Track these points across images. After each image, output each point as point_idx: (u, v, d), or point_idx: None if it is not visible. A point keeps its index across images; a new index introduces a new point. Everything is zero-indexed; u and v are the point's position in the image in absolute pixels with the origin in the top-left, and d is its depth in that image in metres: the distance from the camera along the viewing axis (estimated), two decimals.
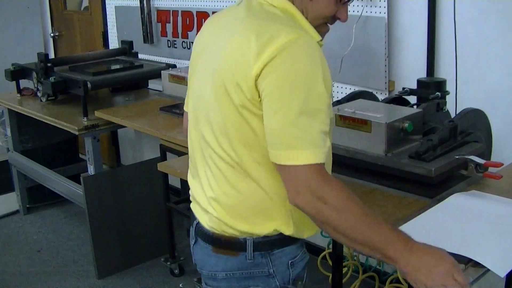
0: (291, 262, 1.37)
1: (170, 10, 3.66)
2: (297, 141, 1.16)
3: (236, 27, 1.26)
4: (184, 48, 3.61)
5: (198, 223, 1.42)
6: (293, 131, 1.16)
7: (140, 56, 3.80)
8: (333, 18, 1.33)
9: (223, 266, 1.36)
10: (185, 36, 3.58)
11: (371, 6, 2.53)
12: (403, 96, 2.11)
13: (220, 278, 1.37)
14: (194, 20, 3.48)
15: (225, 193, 1.32)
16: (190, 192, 1.47)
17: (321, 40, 1.32)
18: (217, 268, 1.37)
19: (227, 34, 1.28)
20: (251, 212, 1.31)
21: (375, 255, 1.19)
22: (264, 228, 1.31)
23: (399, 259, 1.17)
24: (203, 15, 3.42)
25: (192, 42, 3.53)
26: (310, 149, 1.16)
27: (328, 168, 1.35)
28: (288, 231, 1.32)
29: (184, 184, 3.25)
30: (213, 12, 3.33)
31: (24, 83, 3.70)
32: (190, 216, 1.50)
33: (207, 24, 1.45)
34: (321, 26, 1.33)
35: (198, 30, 3.47)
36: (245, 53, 1.20)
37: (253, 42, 1.19)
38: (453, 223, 1.50)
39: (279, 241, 1.34)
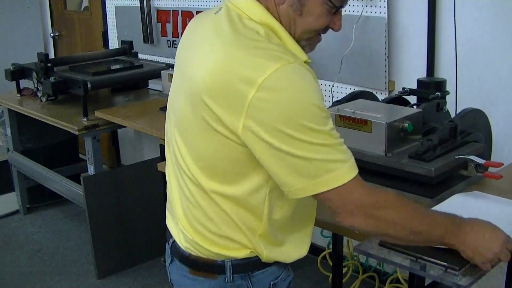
0: (273, 284, 1.31)
1: (170, 10, 3.66)
2: (326, 165, 1.11)
3: (217, 51, 1.15)
4: None
5: (174, 241, 1.36)
6: (312, 159, 1.10)
7: (140, 56, 3.80)
8: (326, 29, 1.24)
9: None
10: None
11: (371, 6, 2.53)
12: (403, 96, 2.11)
13: None
14: None
15: (195, 217, 1.26)
16: (167, 205, 1.42)
17: (308, 59, 1.23)
18: None
19: (207, 53, 1.17)
20: (222, 238, 1.25)
21: (431, 244, 1.24)
22: (239, 252, 1.26)
23: (456, 243, 1.22)
24: None
25: None
26: (342, 166, 1.12)
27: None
28: (265, 257, 1.27)
29: None
30: None
31: (24, 83, 3.70)
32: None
33: (186, 33, 1.34)
34: (312, 38, 1.24)
35: None
36: (216, 95, 1.11)
37: (227, 82, 1.10)
38: None
39: (259, 262, 1.28)
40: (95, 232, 3.12)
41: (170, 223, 1.40)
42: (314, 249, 3.15)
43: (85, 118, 3.08)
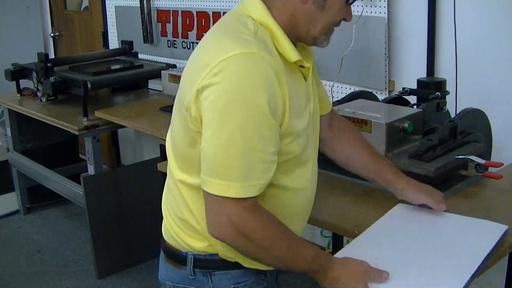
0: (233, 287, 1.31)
1: (170, 10, 3.66)
2: (228, 171, 1.10)
3: (202, 42, 1.25)
4: (184, 48, 3.61)
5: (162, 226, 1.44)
6: (226, 158, 1.10)
7: (140, 56, 3.80)
8: (340, 21, 1.30)
9: (170, 276, 1.36)
10: (185, 36, 3.58)
11: (371, 6, 2.53)
12: (403, 96, 2.11)
13: (167, 287, 1.38)
14: (194, 20, 3.48)
15: (168, 202, 1.34)
16: None
17: (300, 60, 1.23)
18: (166, 277, 1.38)
19: (198, 47, 1.26)
20: (186, 226, 1.29)
21: (295, 272, 1.27)
22: (199, 243, 1.28)
23: (318, 278, 1.24)
24: (203, 15, 3.42)
25: (192, 42, 3.55)
26: (241, 182, 1.11)
27: (297, 198, 1.31)
28: (220, 251, 1.27)
29: None
30: (213, 12, 3.33)
31: (24, 83, 3.70)
32: None
33: None
34: (330, 32, 1.28)
35: (198, 30, 3.49)
36: (196, 73, 1.15)
37: (201, 62, 1.15)
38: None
39: (221, 262, 1.28)
40: (95, 232, 3.12)
41: None
42: None
43: (85, 118, 3.08)
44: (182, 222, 1.29)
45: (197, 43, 3.50)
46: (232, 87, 1.10)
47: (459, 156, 1.74)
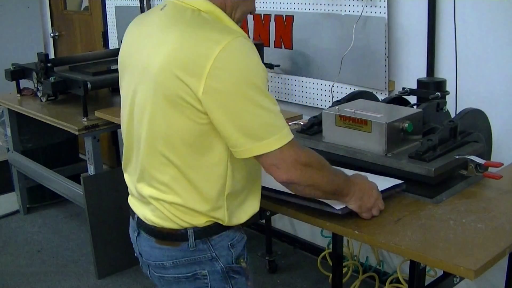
0: (230, 244, 1.46)
1: None
2: (276, 125, 1.30)
3: (173, 36, 1.30)
4: None
5: (139, 217, 1.51)
6: (269, 117, 1.29)
7: None
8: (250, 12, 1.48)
9: (168, 256, 1.46)
10: None
11: (371, 6, 2.53)
12: (403, 96, 2.11)
13: (168, 266, 1.47)
14: None
15: (163, 192, 1.40)
16: (128, 187, 1.57)
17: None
18: (164, 258, 1.47)
19: (161, 42, 1.32)
20: (186, 210, 1.40)
21: (332, 197, 1.48)
22: (201, 220, 1.41)
23: (349, 195, 1.48)
24: None
25: None
26: (285, 128, 1.31)
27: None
28: (225, 221, 1.43)
29: None
30: None
31: (24, 83, 3.70)
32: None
33: (130, 30, 1.50)
34: (243, 19, 1.47)
35: None
36: (184, 67, 1.25)
37: (190, 54, 1.25)
38: None
39: (217, 227, 1.43)
40: (95, 232, 3.12)
41: (132, 201, 1.56)
42: (314, 249, 3.15)
43: (85, 118, 3.08)
44: (183, 207, 1.39)
45: None
46: (245, 62, 1.26)
47: (459, 156, 1.74)
